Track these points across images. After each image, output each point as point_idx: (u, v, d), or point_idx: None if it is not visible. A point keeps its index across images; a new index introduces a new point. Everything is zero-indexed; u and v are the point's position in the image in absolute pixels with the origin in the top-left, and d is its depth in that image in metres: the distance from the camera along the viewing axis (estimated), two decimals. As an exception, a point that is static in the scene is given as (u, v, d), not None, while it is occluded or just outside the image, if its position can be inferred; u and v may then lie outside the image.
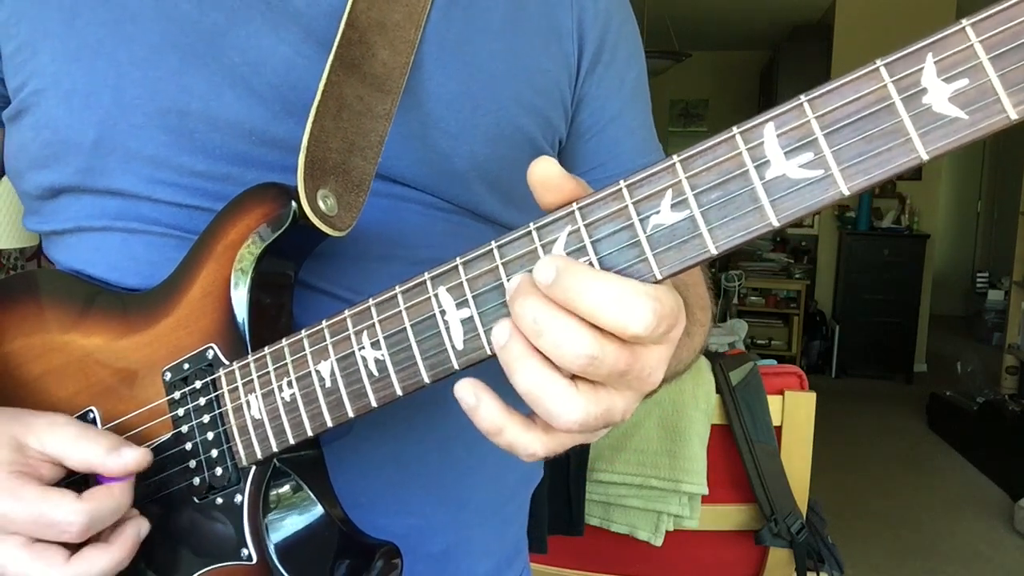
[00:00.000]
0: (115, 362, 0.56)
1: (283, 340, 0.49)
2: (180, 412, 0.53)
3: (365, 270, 0.58)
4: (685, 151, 0.37)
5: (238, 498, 0.52)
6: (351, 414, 0.47)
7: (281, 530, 0.52)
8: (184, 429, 0.53)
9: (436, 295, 0.43)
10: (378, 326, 0.45)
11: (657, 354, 0.39)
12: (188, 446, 0.53)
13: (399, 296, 0.44)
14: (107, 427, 0.56)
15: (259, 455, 0.50)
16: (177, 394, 0.53)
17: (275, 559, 0.50)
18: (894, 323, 5.58)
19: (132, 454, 0.51)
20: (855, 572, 3.00)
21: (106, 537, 0.51)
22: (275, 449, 0.50)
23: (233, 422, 0.51)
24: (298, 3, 0.56)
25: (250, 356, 0.51)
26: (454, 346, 0.43)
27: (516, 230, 0.41)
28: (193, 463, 0.53)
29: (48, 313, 0.60)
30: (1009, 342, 4.85)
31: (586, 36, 0.67)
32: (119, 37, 0.55)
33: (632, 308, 0.36)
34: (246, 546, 0.51)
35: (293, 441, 0.49)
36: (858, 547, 3.19)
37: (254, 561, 0.51)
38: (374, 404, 0.46)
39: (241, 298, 0.52)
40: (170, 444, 0.54)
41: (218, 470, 0.52)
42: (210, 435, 0.52)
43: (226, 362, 0.52)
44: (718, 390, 1.82)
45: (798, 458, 1.81)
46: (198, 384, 0.53)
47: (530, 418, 0.41)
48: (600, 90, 0.68)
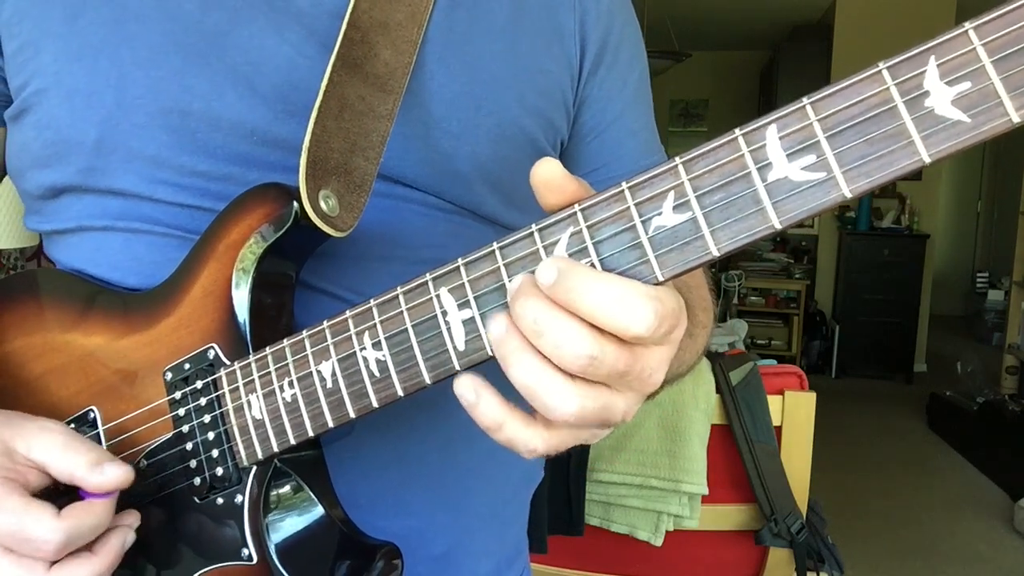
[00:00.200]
0: (116, 362, 0.56)
1: (284, 340, 0.49)
2: (181, 412, 0.53)
3: (366, 270, 0.58)
4: (687, 153, 0.37)
5: (239, 498, 0.52)
6: (352, 414, 0.47)
7: (282, 530, 0.52)
8: (185, 429, 0.53)
9: (438, 296, 0.43)
10: (379, 326, 0.45)
11: (658, 355, 0.39)
12: (189, 446, 0.53)
13: (401, 297, 0.44)
14: (108, 426, 0.56)
15: (260, 455, 0.50)
16: (178, 394, 0.53)
17: (275, 559, 0.50)
18: (894, 323, 5.58)
19: (114, 471, 0.50)
20: (855, 572, 2.99)
21: (90, 546, 0.50)
22: (276, 449, 0.50)
23: (234, 422, 0.51)
24: (300, 3, 0.56)
25: (251, 356, 0.51)
26: (455, 347, 0.43)
27: (518, 231, 0.41)
28: (194, 463, 0.53)
29: (49, 313, 0.60)
30: (1009, 342, 4.85)
31: (588, 37, 0.67)
32: (121, 37, 0.55)
33: (633, 308, 0.36)
34: (246, 546, 0.51)
35: (294, 441, 0.49)
36: (858, 547, 3.19)
37: (254, 561, 0.51)
38: (375, 404, 0.46)
39: (242, 298, 0.52)
40: (171, 444, 0.54)
41: (219, 470, 0.52)
42: (211, 435, 0.52)
43: (227, 362, 0.52)
44: (718, 390, 1.82)
45: (798, 458, 1.81)
46: (199, 384, 0.53)
47: (531, 415, 0.41)
48: (602, 91, 0.68)
